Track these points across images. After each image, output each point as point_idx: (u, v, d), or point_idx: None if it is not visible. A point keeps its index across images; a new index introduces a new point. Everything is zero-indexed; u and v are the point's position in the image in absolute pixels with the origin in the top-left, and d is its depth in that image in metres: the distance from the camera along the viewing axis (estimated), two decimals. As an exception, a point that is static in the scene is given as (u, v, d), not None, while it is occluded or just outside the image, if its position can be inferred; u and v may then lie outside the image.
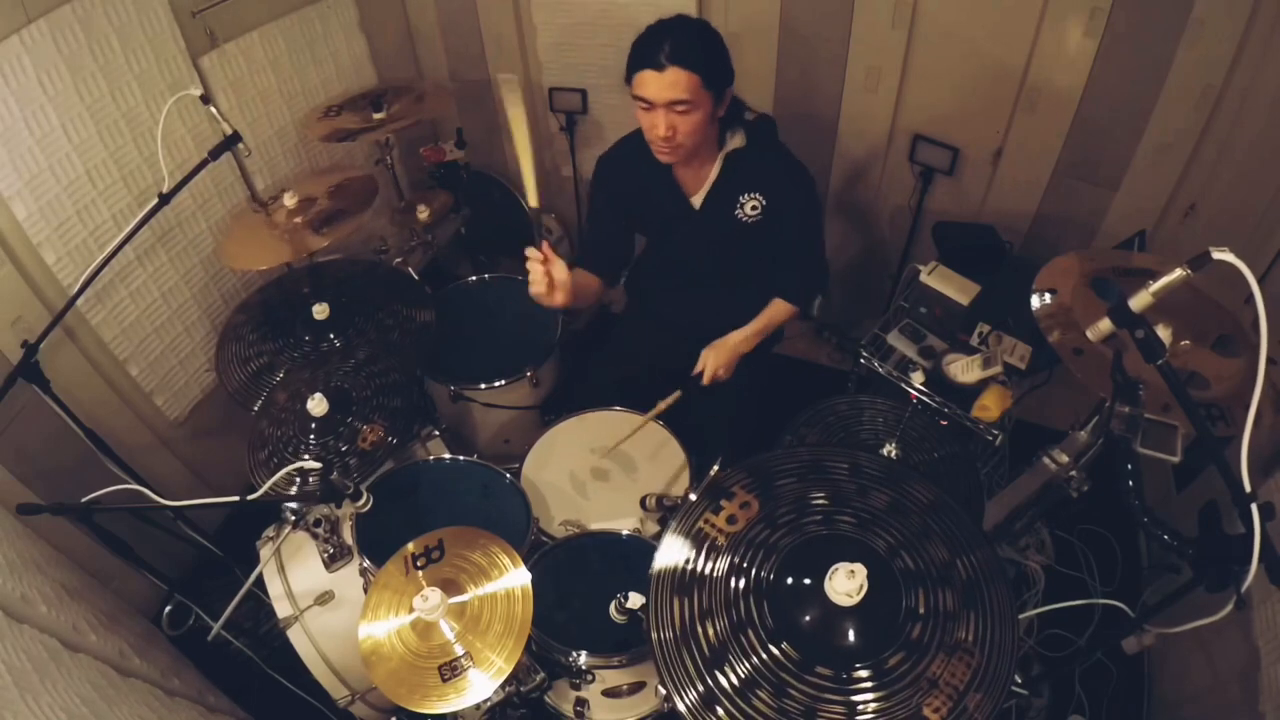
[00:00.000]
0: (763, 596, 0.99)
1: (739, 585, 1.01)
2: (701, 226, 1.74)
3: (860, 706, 0.90)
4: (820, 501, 1.08)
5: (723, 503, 1.08)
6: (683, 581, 1.02)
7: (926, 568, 1.01)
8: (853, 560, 0.96)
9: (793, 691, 0.92)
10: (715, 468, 1.30)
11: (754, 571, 1.02)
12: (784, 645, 0.95)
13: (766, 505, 1.08)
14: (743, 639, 0.96)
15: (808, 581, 0.99)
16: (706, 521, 1.07)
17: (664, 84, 1.46)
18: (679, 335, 1.92)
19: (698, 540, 1.05)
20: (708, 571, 1.02)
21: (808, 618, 0.97)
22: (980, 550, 1.02)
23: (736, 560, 1.03)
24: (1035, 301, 1.29)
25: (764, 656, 0.94)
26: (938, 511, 1.07)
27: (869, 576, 0.95)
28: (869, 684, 0.92)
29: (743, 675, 0.93)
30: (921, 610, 0.97)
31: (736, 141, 1.66)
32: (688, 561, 1.03)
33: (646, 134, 1.58)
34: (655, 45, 1.46)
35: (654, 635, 0.97)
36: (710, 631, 0.97)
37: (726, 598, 1.00)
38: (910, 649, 0.94)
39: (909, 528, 1.05)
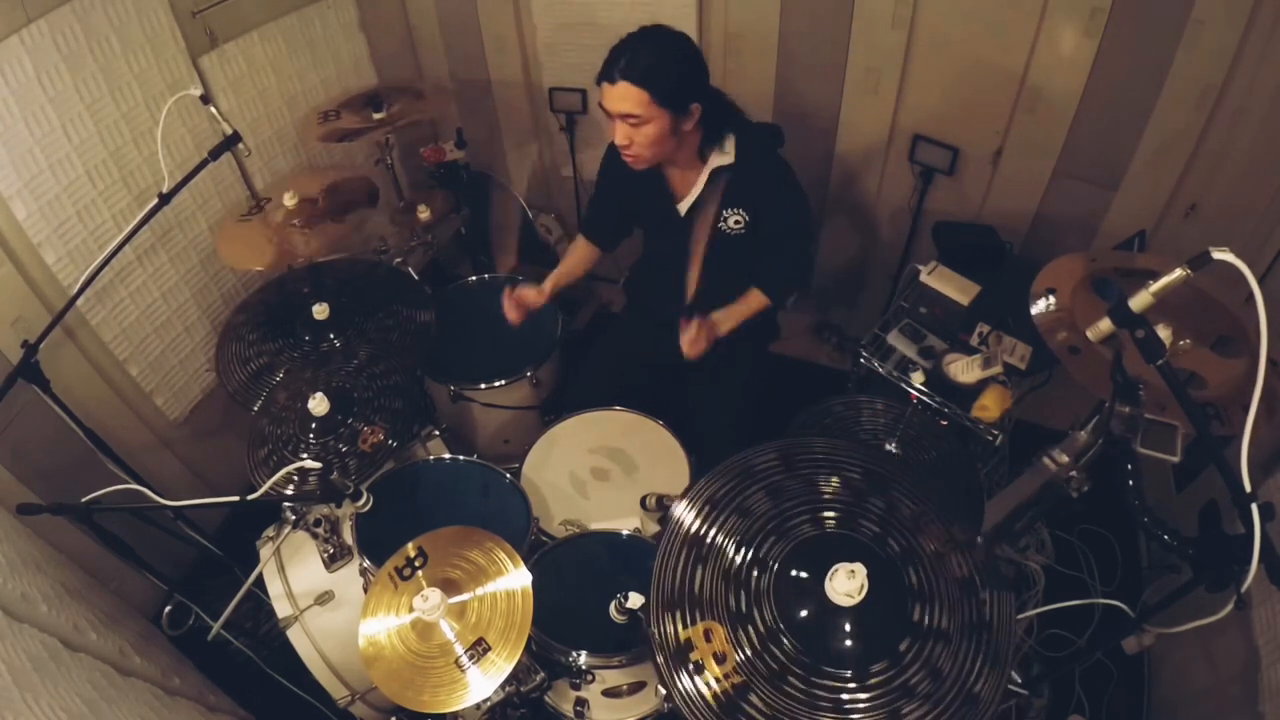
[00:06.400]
0: (769, 637, 0.99)
1: (740, 607, 1.00)
2: (686, 233, 1.75)
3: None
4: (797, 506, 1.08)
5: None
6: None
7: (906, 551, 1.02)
8: (851, 560, 0.96)
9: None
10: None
11: (753, 608, 1.01)
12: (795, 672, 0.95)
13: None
14: (755, 669, 0.96)
15: (807, 581, 0.99)
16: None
17: (614, 97, 1.51)
18: (674, 336, 1.92)
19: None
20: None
21: (811, 627, 0.97)
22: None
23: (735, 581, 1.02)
24: (1035, 309, 1.28)
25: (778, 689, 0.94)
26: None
27: (868, 575, 0.95)
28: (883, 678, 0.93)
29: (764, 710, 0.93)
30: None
31: (724, 157, 1.66)
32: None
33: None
34: (615, 58, 1.51)
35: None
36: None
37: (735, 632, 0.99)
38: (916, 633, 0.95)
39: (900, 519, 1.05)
